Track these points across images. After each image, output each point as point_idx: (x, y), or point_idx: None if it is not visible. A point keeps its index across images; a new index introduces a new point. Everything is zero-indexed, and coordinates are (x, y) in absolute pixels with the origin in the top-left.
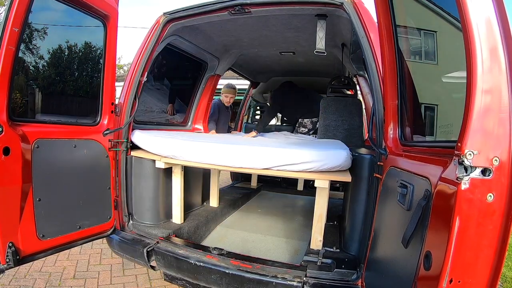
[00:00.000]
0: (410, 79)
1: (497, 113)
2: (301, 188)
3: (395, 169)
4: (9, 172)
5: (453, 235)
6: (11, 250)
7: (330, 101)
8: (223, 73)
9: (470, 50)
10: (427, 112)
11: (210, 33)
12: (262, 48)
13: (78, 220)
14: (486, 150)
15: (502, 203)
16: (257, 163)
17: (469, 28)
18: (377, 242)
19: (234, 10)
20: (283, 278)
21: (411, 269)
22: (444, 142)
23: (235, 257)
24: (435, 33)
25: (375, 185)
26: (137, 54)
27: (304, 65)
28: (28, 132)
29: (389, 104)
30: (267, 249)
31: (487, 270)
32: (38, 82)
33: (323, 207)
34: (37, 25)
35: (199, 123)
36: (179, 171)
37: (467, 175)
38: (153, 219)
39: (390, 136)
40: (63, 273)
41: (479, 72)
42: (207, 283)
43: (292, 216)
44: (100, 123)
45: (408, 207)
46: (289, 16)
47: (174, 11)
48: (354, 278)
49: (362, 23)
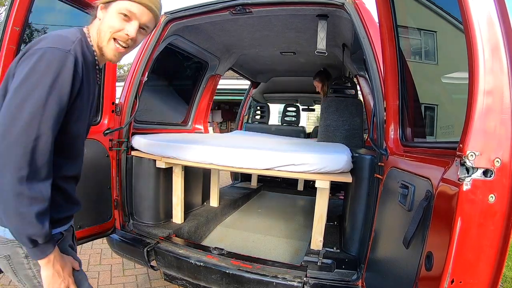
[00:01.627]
0: (411, 80)
1: (499, 114)
2: (301, 188)
3: (396, 169)
4: None
5: (455, 235)
6: None
7: (331, 102)
8: (224, 73)
9: (472, 51)
10: (427, 112)
11: (211, 33)
12: (263, 48)
13: (78, 219)
14: (487, 151)
15: (503, 204)
16: (258, 164)
17: (471, 28)
18: (377, 243)
19: (235, 10)
20: (283, 278)
21: (412, 269)
22: (446, 143)
23: (235, 257)
24: (435, 33)
25: (375, 186)
26: (138, 54)
27: (304, 65)
28: None
29: (390, 104)
30: (267, 249)
31: (488, 271)
32: None
33: (323, 207)
34: (37, 24)
35: (199, 123)
36: (180, 171)
37: (468, 176)
38: (153, 219)
39: (391, 137)
40: None
41: (481, 73)
42: (207, 283)
43: (292, 216)
44: (101, 122)
45: (409, 208)
46: (290, 16)
47: (175, 10)
48: (354, 278)
49: (363, 23)
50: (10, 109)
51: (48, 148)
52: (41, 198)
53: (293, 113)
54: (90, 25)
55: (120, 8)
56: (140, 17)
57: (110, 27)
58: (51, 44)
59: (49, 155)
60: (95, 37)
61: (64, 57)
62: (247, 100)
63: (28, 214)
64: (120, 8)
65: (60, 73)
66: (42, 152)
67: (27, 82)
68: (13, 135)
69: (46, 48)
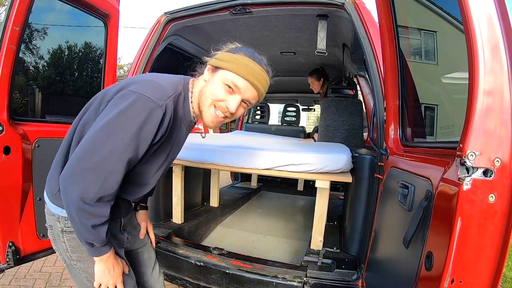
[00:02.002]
0: (411, 80)
1: (499, 114)
2: (301, 188)
3: (396, 169)
4: (10, 172)
5: (455, 235)
6: (11, 250)
7: (331, 102)
8: None
9: (472, 51)
10: (428, 112)
11: (211, 33)
12: (263, 48)
13: None
14: (488, 151)
15: (503, 204)
16: (258, 164)
17: (471, 28)
18: (377, 243)
19: (235, 10)
20: (283, 278)
21: (412, 269)
22: (446, 143)
23: (235, 257)
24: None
25: (375, 186)
26: (138, 54)
27: (304, 65)
28: (29, 131)
29: (390, 104)
30: (267, 249)
31: (488, 271)
32: (38, 81)
33: (323, 207)
34: (37, 24)
35: (199, 122)
36: (180, 171)
37: (468, 175)
38: (153, 218)
39: (391, 137)
40: (63, 273)
41: (481, 73)
42: (207, 283)
43: (292, 216)
44: None
45: (409, 208)
46: (290, 16)
47: (175, 10)
48: (354, 278)
49: (363, 23)
50: (95, 140)
51: (117, 182)
52: (100, 215)
53: (293, 113)
54: (195, 80)
55: (226, 79)
56: (244, 93)
57: (213, 95)
58: (147, 93)
59: (117, 187)
60: (197, 97)
61: (154, 111)
62: None
63: (87, 224)
64: (226, 78)
65: (145, 124)
66: (111, 184)
67: (116, 122)
68: (91, 163)
69: (140, 95)
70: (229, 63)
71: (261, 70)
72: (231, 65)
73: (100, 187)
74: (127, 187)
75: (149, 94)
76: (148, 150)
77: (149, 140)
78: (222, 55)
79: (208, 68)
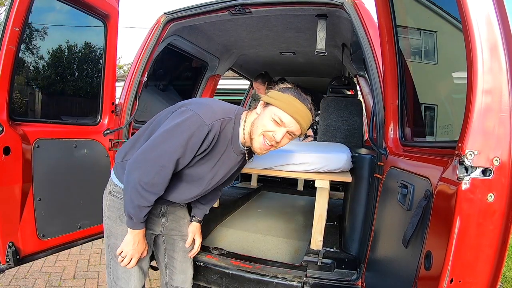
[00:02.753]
0: (411, 79)
1: (498, 113)
2: (301, 188)
3: (395, 169)
4: (9, 172)
5: (454, 235)
6: (11, 250)
7: (330, 101)
8: (224, 73)
9: (471, 50)
10: (427, 112)
11: (211, 33)
12: (262, 48)
13: (78, 220)
14: (486, 150)
15: (502, 203)
16: (258, 164)
17: (469, 28)
18: (377, 242)
19: (235, 10)
20: (283, 278)
21: (411, 269)
22: (445, 143)
23: (235, 257)
24: (435, 33)
25: (375, 185)
26: (138, 54)
27: (304, 65)
28: (29, 131)
29: (390, 104)
30: (267, 249)
31: (487, 270)
32: (38, 81)
33: (323, 207)
34: (37, 25)
35: None
36: None
37: (467, 175)
38: None
39: (391, 136)
40: (63, 273)
41: (479, 72)
42: (207, 283)
43: (292, 216)
44: (101, 123)
45: (408, 207)
46: (290, 16)
47: (175, 11)
48: (354, 278)
49: (363, 23)
50: (155, 141)
51: (167, 175)
52: (147, 199)
53: None
54: (249, 112)
55: (274, 114)
56: (288, 126)
57: (263, 126)
58: (200, 113)
59: (166, 180)
60: (249, 127)
61: (201, 127)
62: (246, 100)
63: (134, 202)
64: (274, 113)
65: (193, 136)
66: (162, 176)
67: (172, 131)
68: (150, 156)
69: (195, 113)
70: (278, 101)
71: (304, 108)
72: (279, 103)
73: (153, 176)
74: (178, 183)
75: (201, 114)
76: (194, 157)
77: (195, 149)
78: (273, 93)
79: (261, 104)
